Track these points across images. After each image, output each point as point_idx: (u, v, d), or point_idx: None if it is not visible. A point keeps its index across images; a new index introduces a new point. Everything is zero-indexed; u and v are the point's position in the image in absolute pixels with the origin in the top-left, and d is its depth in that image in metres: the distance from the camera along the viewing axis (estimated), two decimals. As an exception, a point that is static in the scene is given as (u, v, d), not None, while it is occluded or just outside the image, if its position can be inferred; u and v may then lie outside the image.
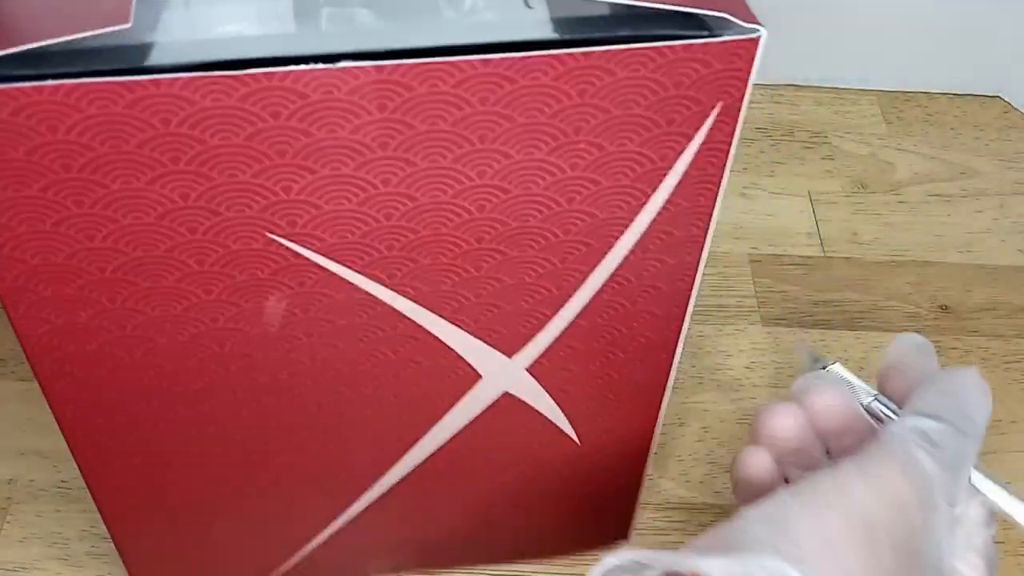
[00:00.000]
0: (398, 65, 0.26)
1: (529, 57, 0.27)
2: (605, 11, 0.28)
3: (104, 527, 0.45)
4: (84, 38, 0.25)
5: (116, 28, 0.25)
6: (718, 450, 0.53)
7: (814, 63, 0.55)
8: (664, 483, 0.51)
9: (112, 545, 0.45)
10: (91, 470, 0.37)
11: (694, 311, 0.58)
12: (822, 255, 0.62)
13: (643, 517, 0.49)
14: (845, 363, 0.55)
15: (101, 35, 0.25)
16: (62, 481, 0.49)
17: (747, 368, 0.56)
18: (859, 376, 0.52)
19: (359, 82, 0.26)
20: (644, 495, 0.50)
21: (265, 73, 0.26)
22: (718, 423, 0.54)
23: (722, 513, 0.50)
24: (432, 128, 0.28)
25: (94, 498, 0.38)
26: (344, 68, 0.26)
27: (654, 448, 0.42)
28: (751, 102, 0.70)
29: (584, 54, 0.27)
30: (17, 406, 0.52)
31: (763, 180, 0.66)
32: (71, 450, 0.36)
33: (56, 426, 0.34)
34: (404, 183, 0.29)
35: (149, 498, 0.38)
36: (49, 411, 0.34)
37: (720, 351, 0.57)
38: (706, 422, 0.54)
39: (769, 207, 0.64)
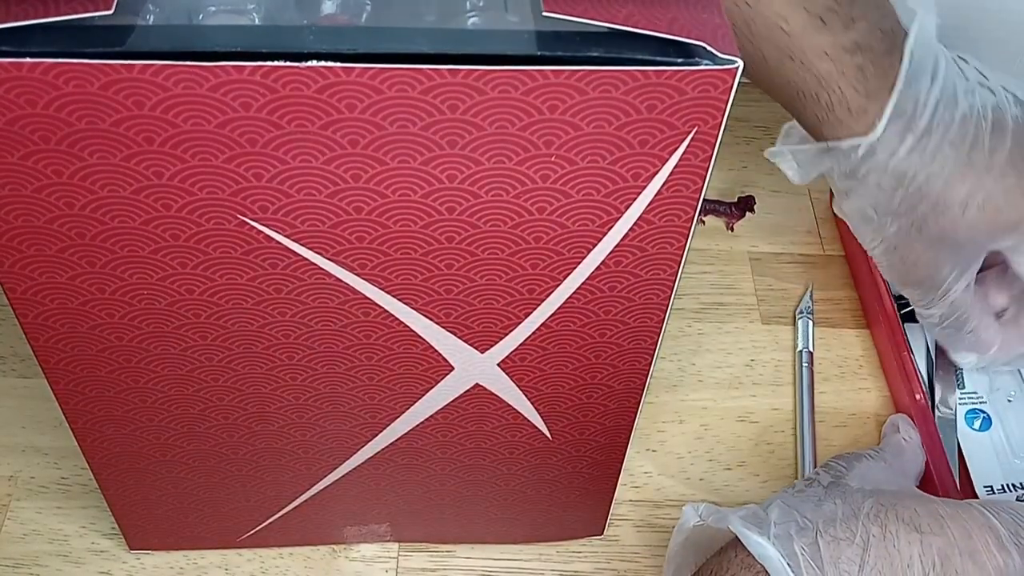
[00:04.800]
0: (366, 68, 0.27)
1: (498, 71, 0.27)
2: (582, 28, 0.27)
3: (103, 524, 0.47)
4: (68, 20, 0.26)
5: (98, 14, 0.26)
6: (717, 447, 0.53)
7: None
8: (663, 480, 0.51)
9: (112, 542, 0.47)
10: (78, 424, 0.38)
11: (695, 309, 0.58)
12: (822, 253, 0.62)
13: (642, 514, 0.50)
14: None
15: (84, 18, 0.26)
16: (62, 478, 0.49)
17: (747, 366, 0.56)
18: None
19: (328, 81, 0.27)
20: (644, 492, 0.50)
21: (235, 66, 0.26)
22: (718, 421, 0.54)
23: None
24: (401, 131, 0.28)
25: (84, 453, 0.40)
26: (312, 67, 0.26)
27: (629, 451, 0.42)
28: (752, 100, 0.69)
29: (554, 72, 0.27)
30: (18, 403, 0.52)
31: (763, 178, 0.65)
32: (59, 403, 0.37)
33: (56, 423, 0.35)
34: (374, 180, 0.30)
35: (133, 452, 0.40)
36: (50, 409, 0.34)
37: (720, 349, 0.57)
38: (705, 420, 0.54)
39: (769, 205, 0.63)
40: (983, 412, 0.52)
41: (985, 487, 0.49)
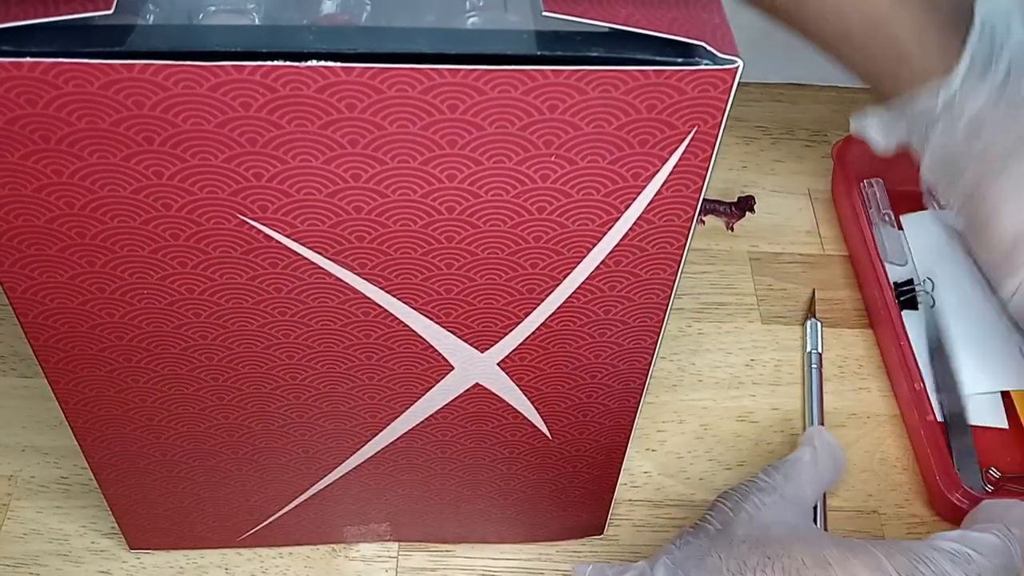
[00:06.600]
0: (366, 68, 0.27)
1: (498, 71, 0.27)
2: (582, 28, 0.28)
3: (103, 524, 0.48)
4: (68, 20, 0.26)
5: (97, 13, 0.26)
6: (717, 447, 0.53)
7: (814, 63, 0.55)
8: (663, 480, 0.51)
9: (112, 542, 0.47)
10: (78, 424, 0.38)
11: (694, 309, 0.58)
12: (822, 253, 0.62)
13: (642, 513, 0.50)
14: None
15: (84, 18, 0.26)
16: (62, 477, 0.49)
17: (747, 366, 0.56)
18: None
19: (328, 81, 0.27)
20: (643, 492, 0.50)
21: (235, 66, 0.26)
22: (717, 421, 0.54)
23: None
24: (401, 131, 0.28)
25: (84, 452, 0.40)
26: (312, 67, 0.26)
27: (629, 451, 0.42)
28: (752, 100, 0.69)
29: (554, 72, 0.27)
30: (18, 403, 0.52)
31: (763, 178, 0.65)
32: (59, 403, 0.37)
33: (56, 423, 0.35)
34: (374, 180, 0.30)
35: (133, 452, 0.40)
36: (49, 409, 0.34)
37: (720, 349, 0.57)
38: (705, 420, 0.54)
39: (769, 205, 0.64)
40: None
41: None
